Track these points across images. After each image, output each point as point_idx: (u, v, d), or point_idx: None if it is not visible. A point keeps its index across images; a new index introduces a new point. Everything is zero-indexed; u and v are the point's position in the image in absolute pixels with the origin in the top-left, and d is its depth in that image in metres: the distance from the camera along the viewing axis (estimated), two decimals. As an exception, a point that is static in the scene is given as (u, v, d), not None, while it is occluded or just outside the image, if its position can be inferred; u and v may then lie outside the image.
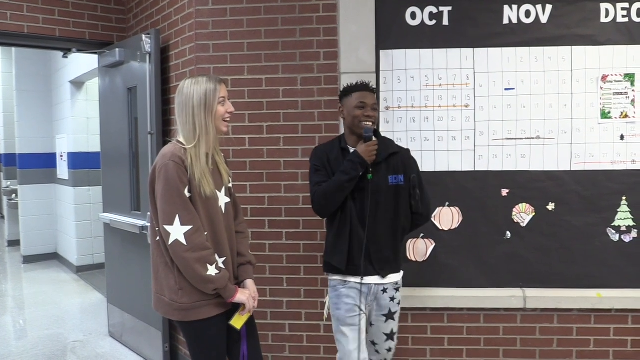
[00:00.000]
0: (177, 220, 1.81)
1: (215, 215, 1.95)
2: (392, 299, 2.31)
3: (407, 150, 2.37)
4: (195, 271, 1.82)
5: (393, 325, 2.35)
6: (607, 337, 2.81)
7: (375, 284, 2.28)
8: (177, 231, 1.82)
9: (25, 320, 4.37)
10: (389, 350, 2.38)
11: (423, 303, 2.83)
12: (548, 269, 2.83)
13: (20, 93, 6.32)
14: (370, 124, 2.22)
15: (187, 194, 1.85)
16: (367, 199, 2.19)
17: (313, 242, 2.91)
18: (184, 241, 1.81)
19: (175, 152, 1.86)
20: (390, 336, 2.35)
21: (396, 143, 2.40)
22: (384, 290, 2.29)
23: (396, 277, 2.33)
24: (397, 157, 2.28)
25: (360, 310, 2.26)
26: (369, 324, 2.35)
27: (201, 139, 1.90)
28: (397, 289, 2.35)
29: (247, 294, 1.98)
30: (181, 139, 1.93)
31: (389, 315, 2.32)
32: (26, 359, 3.51)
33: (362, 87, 2.27)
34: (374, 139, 2.20)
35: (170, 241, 1.82)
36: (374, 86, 2.36)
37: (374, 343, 2.37)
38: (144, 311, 3.38)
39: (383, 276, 2.26)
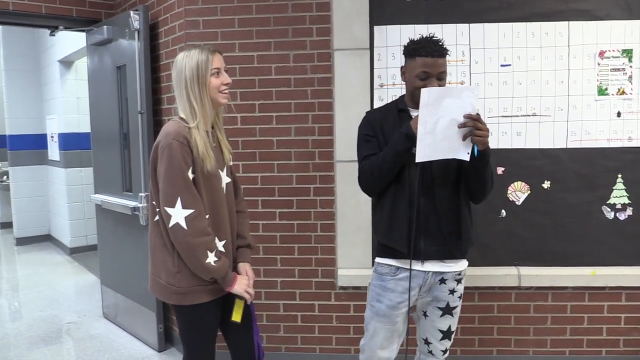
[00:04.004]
0: (178, 202, 1.75)
1: (217, 196, 1.89)
2: (452, 291, 1.97)
3: None
4: (195, 257, 1.77)
5: (451, 322, 2.01)
6: (600, 314, 2.82)
7: (433, 273, 1.94)
8: (178, 214, 1.75)
9: (19, 302, 4.36)
10: (445, 351, 2.05)
11: (417, 282, 2.82)
12: (543, 247, 2.83)
13: (8, 73, 6.19)
14: None
15: (191, 175, 1.79)
16: (419, 168, 1.84)
17: (307, 221, 2.88)
18: (184, 225, 1.75)
19: (180, 131, 1.78)
20: (446, 334, 2.02)
21: None
22: (442, 281, 1.95)
23: (459, 265, 1.97)
24: None
25: (406, 305, 1.97)
26: (422, 313, 2.04)
27: (199, 115, 1.82)
28: (459, 281, 1.98)
29: (244, 286, 1.91)
30: (182, 115, 1.86)
31: (447, 310, 1.99)
32: (21, 341, 3.50)
33: (429, 50, 1.83)
34: None
35: (171, 224, 1.76)
36: (444, 44, 1.89)
37: (427, 342, 2.05)
38: (138, 292, 3.36)
39: (457, 256, 1.94)
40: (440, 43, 1.87)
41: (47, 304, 4.27)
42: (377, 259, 2.03)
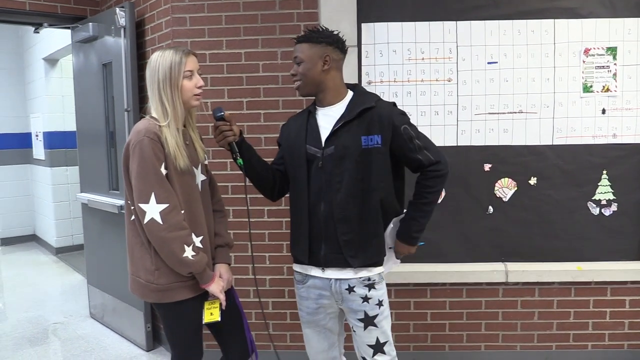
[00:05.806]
0: (152, 198, 1.74)
1: (192, 192, 1.89)
2: (366, 299, 1.85)
3: (389, 104, 1.87)
4: (171, 252, 1.76)
5: (378, 334, 1.87)
6: (586, 309, 2.85)
7: (335, 279, 1.87)
8: (152, 209, 1.74)
9: (4, 303, 4.29)
10: None
11: (406, 278, 2.83)
12: (530, 243, 2.85)
13: (-9, 71, 6.12)
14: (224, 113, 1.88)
15: (164, 171, 1.78)
16: (320, 172, 1.84)
17: (295, 219, 2.87)
18: (159, 220, 1.74)
19: (150, 128, 1.78)
20: (377, 348, 1.87)
21: (381, 97, 1.91)
22: (350, 289, 1.85)
23: (362, 273, 1.85)
24: (373, 113, 1.80)
25: (328, 308, 1.94)
26: (352, 329, 1.93)
27: (170, 115, 1.82)
28: (370, 286, 1.85)
29: (221, 286, 1.91)
30: (154, 114, 1.86)
31: (367, 321, 1.85)
32: (6, 342, 3.45)
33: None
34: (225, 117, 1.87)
35: (146, 220, 1.75)
36: (318, 31, 1.88)
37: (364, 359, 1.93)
38: (125, 291, 3.30)
39: (354, 265, 1.83)
40: (315, 30, 1.87)
41: (32, 304, 4.22)
42: (293, 266, 2.03)
